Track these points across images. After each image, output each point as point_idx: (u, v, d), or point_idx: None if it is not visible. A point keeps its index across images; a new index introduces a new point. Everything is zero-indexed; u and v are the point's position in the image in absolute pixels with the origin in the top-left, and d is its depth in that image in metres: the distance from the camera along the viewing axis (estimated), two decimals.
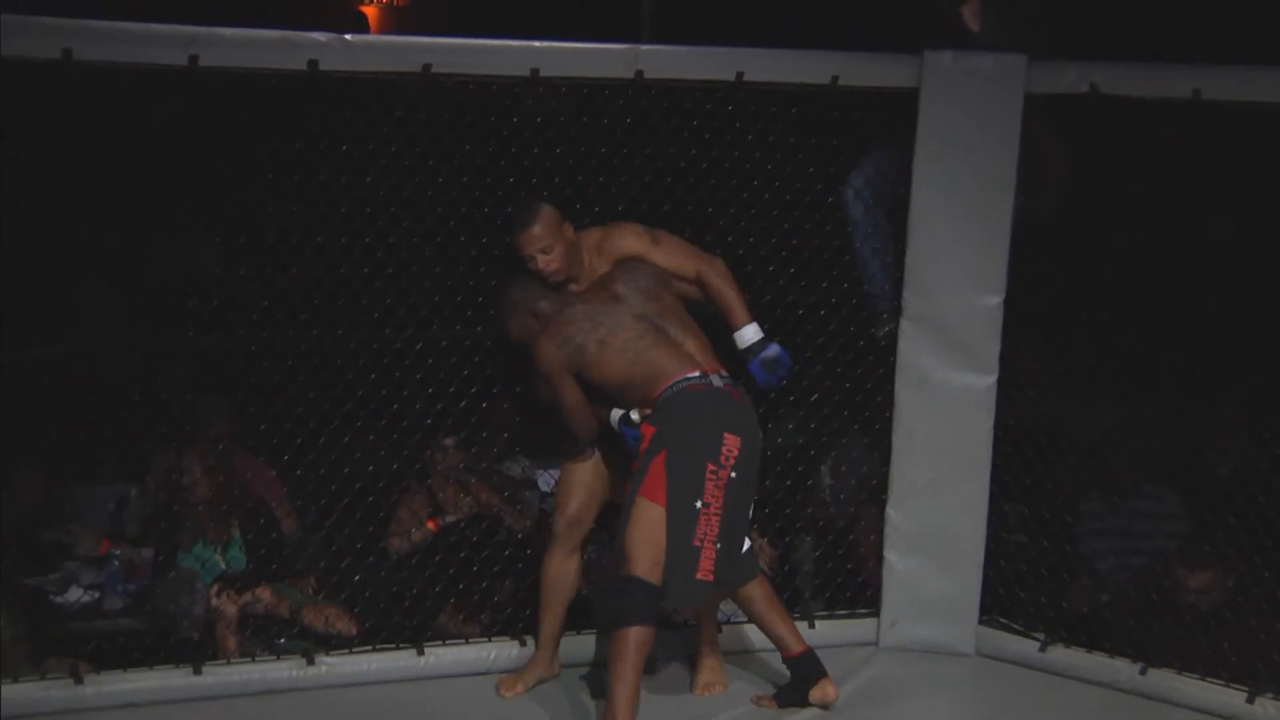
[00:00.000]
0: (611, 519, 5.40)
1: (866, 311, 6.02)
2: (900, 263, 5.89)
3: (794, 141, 5.86)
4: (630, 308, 5.23)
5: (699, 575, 5.01)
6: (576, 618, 5.71)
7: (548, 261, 5.32)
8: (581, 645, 5.82)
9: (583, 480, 5.47)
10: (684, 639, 5.79)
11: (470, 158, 5.62)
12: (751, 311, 5.41)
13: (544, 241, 5.31)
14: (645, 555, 4.97)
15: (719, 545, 5.04)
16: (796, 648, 5.34)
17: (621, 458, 5.32)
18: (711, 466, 4.98)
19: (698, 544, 4.99)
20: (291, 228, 5.59)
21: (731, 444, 5.03)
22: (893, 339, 5.93)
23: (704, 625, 5.63)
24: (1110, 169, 5.70)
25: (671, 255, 5.42)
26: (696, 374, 5.09)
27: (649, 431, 5.07)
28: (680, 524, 4.99)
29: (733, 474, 5.03)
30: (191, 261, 5.96)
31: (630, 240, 5.41)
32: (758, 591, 5.32)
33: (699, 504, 4.97)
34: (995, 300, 5.82)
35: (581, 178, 5.69)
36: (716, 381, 5.12)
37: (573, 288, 5.37)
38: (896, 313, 5.93)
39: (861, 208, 6.00)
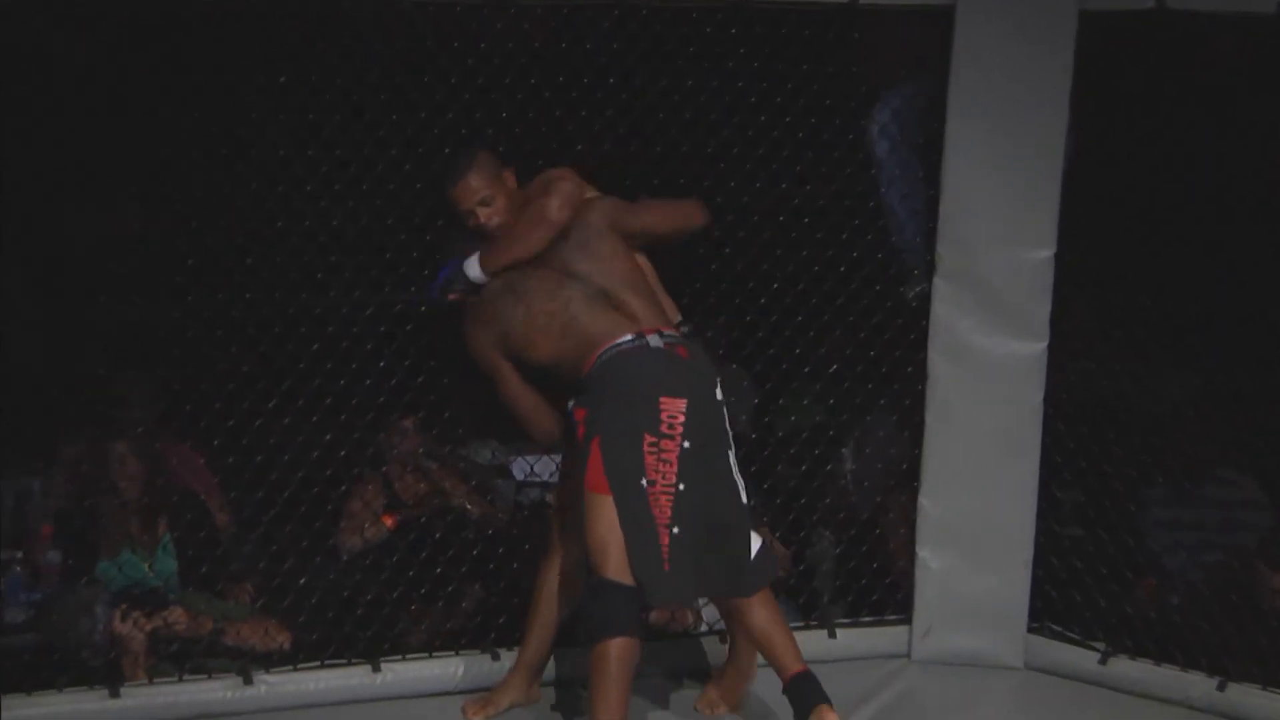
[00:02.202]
0: None
1: (894, 268, 5.96)
2: (933, 210, 5.80)
3: (807, 70, 5.79)
4: (561, 269, 5.08)
5: (664, 567, 4.85)
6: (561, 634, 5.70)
7: (489, 214, 5.18)
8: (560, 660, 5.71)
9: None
10: (684, 649, 5.73)
11: (430, 91, 5.51)
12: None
13: (482, 193, 5.18)
14: (612, 553, 4.84)
15: (675, 530, 4.86)
16: (794, 667, 5.04)
17: None
18: (650, 438, 4.84)
19: (654, 528, 4.86)
20: (220, 176, 5.58)
21: (673, 408, 4.87)
22: (924, 300, 5.86)
23: (731, 632, 5.48)
24: (1179, 100, 5.62)
25: (642, 214, 5.27)
26: (629, 336, 4.97)
27: (581, 414, 4.95)
28: (633, 509, 4.84)
29: (685, 444, 4.85)
30: (104, 217, 5.90)
31: (560, 198, 5.20)
32: (759, 599, 5.07)
33: (644, 481, 4.83)
34: (1044, 254, 5.72)
35: (560, 114, 5.63)
36: (654, 341, 4.98)
37: None
38: (929, 269, 5.84)
39: (887, 146, 5.93)
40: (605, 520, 4.85)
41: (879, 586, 6.02)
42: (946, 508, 5.83)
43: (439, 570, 5.81)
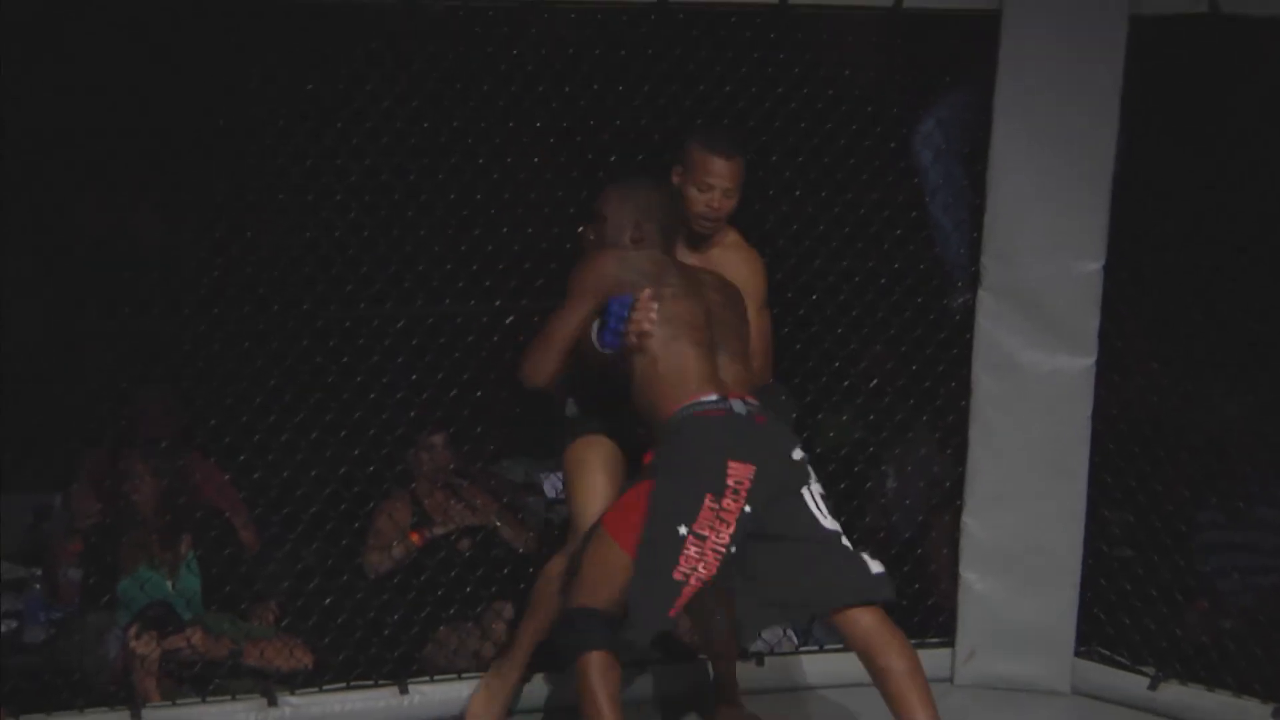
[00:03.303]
0: None
1: (937, 280, 5.96)
2: (978, 221, 5.78)
3: (850, 76, 5.79)
4: (706, 296, 5.02)
5: (672, 614, 4.78)
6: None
7: (723, 203, 5.13)
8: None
9: (602, 489, 5.21)
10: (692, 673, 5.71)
11: (461, 98, 5.52)
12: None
13: (735, 181, 5.14)
14: (601, 595, 4.80)
15: (712, 583, 4.83)
16: None
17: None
18: (711, 498, 4.76)
19: (680, 578, 4.73)
20: (246, 183, 5.56)
21: (740, 473, 4.77)
22: (969, 312, 5.82)
23: (717, 664, 5.48)
24: (1233, 107, 5.58)
25: (754, 328, 5.22)
26: (714, 397, 4.88)
27: (649, 458, 4.91)
28: (657, 550, 4.74)
29: (747, 508, 4.78)
30: (126, 225, 5.93)
31: (754, 281, 5.24)
32: (896, 657, 4.82)
33: (683, 530, 4.73)
34: (1093, 266, 5.68)
35: (594, 122, 5.64)
36: (738, 407, 4.88)
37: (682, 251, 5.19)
38: (973, 281, 5.81)
39: (931, 155, 5.93)
40: (605, 566, 4.81)
41: (921, 608, 5.95)
42: (991, 528, 5.79)
43: (468, 590, 5.81)
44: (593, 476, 5.20)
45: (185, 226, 5.59)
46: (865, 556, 4.91)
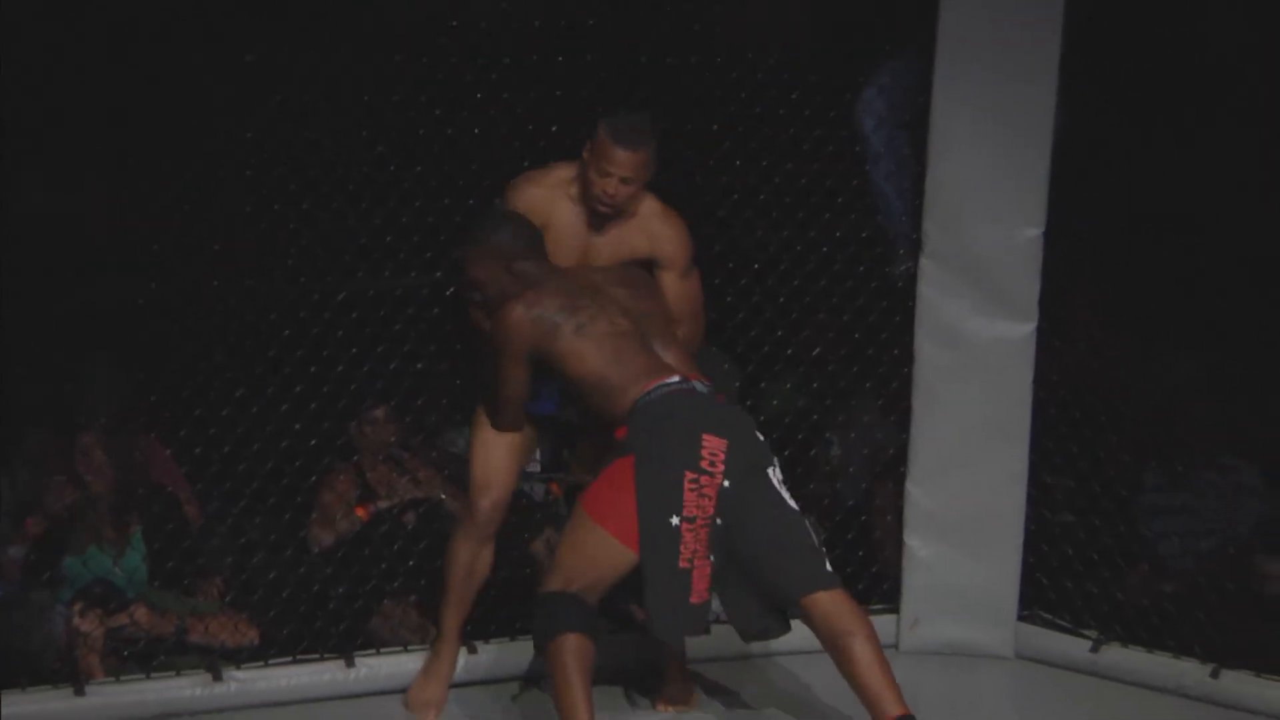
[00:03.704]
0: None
1: (879, 247, 5.94)
2: (919, 189, 5.77)
3: (790, 44, 5.81)
4: (615, 300, 5.08)
5: (694, 599, 4.85)
6: (508, 621, 5.68)
7: (617, 191, 5.11)
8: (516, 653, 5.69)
9: (509, 455, 5.28)
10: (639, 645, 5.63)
11: (414, 70, 5.52)
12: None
13: (634, 171, 5.11)
14: (578, 579, 4.88)
15: (713, 558, 4.88)
16: (893, 711, 4.91)
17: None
18: (691, 475, 4.84)
19: (685, 565, 4.83)
20: (188, 154, 5.50)
21: (714, 446, 4.86)
22: (911, 280, 5.82)
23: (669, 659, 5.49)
24: (1175, 67, 5.60)
25: (678, 295, 5.27)
26: (676, 379, 4.98)
27: (621, 433, 4.93)
28: (659, 547, 4.84)
29: (725, 482, 4.84)
30: (65, 196, 5.76)
31: (670, 248, 5.24)
32: (853, 623, 4.94)
33: (675, 520, 4.81)
34: (1034, 232, 5.69)
35: (546, 89, 5.65)
36: (700, 387, 4.98)
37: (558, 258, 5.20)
38: (915, 249, 5.80)
39: (872, 123, 5.91)
40: (584, 548, 4.86)
41: (865, 575, 5.96)
42: (935, 495, 5.81)
43: (413, 563, 5.79)
44: (493, 443, 5.25)
45: (126, 200, 5.47)
46: (823, 550, 5.01)
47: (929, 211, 5.71)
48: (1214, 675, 5.49)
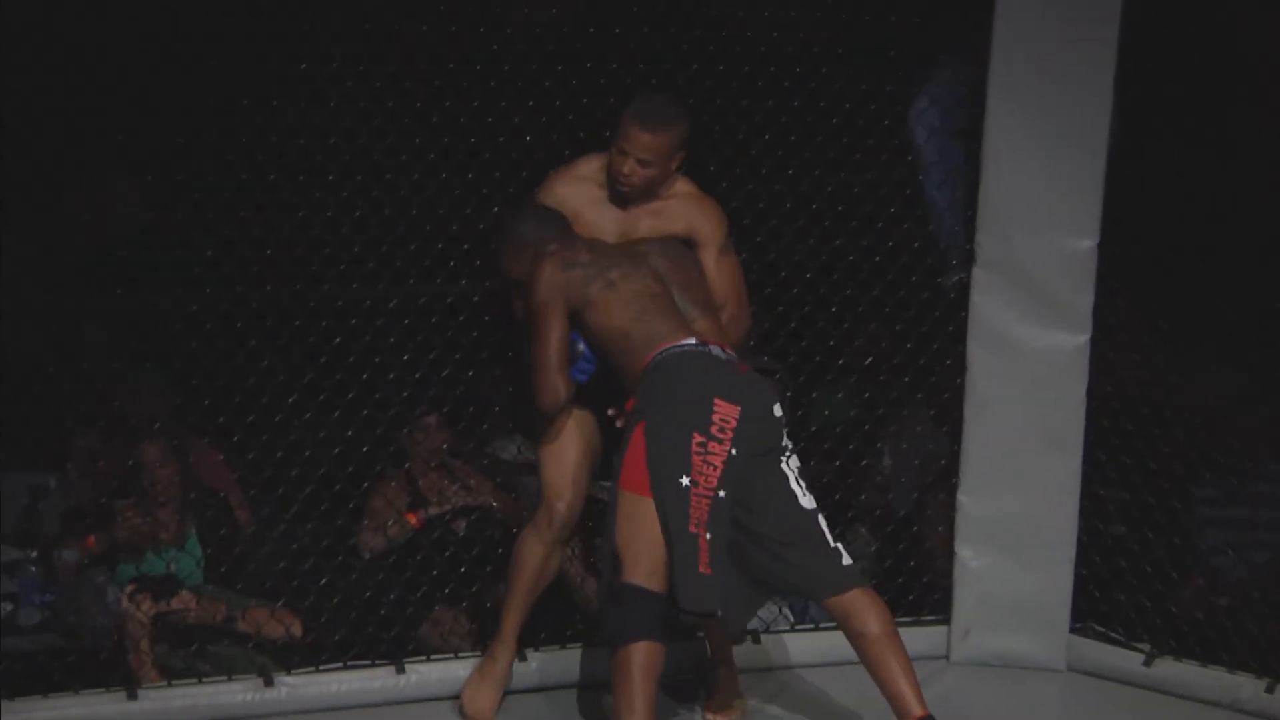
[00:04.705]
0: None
1: (932, 257, 5.95)
2: (972, 198, 5.77)
3: (841, 53, 5.78)
4: (651, 265, 5.09)
5: (700, 568, 4.77)
6: (566, 629, 5.70)
7: (633, 171, 5.14)
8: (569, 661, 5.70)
9: (581, 460, 5.28)
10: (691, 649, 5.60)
11: (453, 78, 5.51)
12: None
13: (653, 153, 5.11)
14: (643, 558, 4.80)
15: (710, 535, 4.79)
16: (916, 712, 4.90)
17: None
18: (699, 438, 4.79)
19: (694, 530, 4.78)
20: (237, 162, 5.48)
21: (726, 412, 4.81)
22: (963, 290, 5.82)
23: (710, 633, 5.41)
24: (1237, 77, 5.61)
25: (717, 274, 5.27)
26: (693, 341, 4.94)
27: (630, 404, 4.93)
28: (671, 507, 4.79)
29: (733, 450, 4.79)
30: (120, 204, 5.84)
31: (707, 227, 5.25)
32: (871, 622, 4.91)
33: (685, 480, 4.78)
34: (1088, 243, 5.68)
35: (587, 101, 5.60)
36: (717, 352, 4.94)
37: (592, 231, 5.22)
38: (968, 258, 5.79)
39: (925, 133, 5.93)
40: (638, 522, 4.80)
41: (916, 586, 5.98)
42: (986, 505, 5.79)
43: (463, 570, 5.80)
44: (566, 448, 5.23)
45: (178, 206, 5.47)
46: (840, 547, 4.94)
47: (982, 221, 5.70)
48: (1269, 690, 5.47)
